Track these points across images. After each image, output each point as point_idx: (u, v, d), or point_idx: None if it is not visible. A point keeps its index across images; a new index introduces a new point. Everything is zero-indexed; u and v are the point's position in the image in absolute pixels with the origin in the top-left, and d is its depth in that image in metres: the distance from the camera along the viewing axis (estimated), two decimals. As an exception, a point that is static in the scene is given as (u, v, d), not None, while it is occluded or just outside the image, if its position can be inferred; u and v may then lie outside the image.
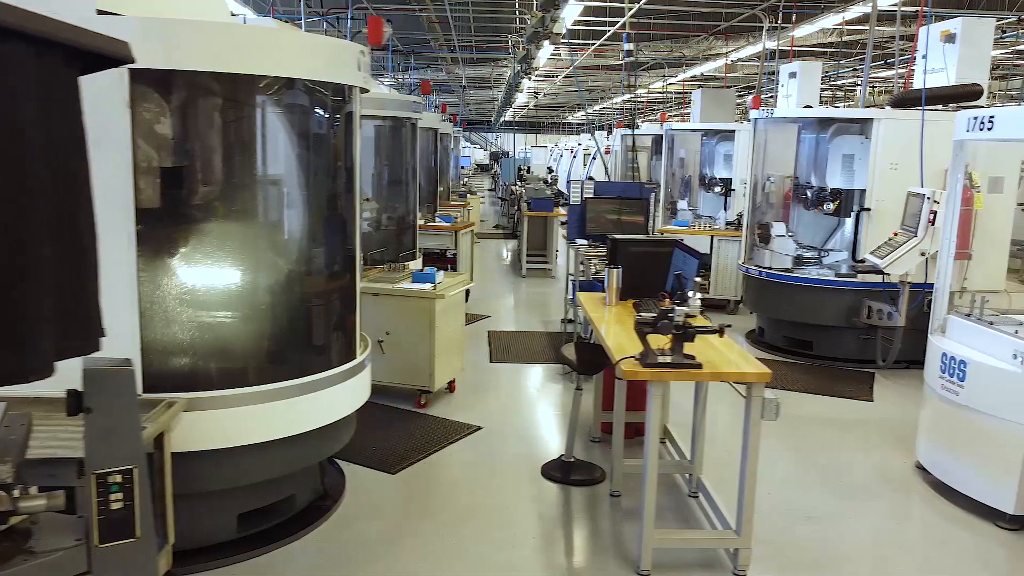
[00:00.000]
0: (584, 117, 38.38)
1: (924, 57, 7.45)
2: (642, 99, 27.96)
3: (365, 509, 4.29)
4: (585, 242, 6.82)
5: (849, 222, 7.48)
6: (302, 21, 9.76)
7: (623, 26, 8.11)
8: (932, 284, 5.75)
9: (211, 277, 3.61)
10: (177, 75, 3.34)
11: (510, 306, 9.95)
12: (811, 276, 7.40)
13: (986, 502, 4.32)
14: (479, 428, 5.50)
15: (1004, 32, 11.91)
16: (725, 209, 10.57)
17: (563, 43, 18.03)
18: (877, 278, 6.88)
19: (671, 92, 23.53)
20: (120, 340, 3.09)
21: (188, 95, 3.47)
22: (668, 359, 3.49)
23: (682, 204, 11.17)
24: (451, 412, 5.80)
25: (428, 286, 5.70)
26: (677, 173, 12.89)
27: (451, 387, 6.24)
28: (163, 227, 3.45)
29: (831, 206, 7.75)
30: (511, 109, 39.70)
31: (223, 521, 3.72)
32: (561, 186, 17.47)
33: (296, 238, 3.92)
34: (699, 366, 3.50)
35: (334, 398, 3.88)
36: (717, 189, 11.13)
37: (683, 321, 3.49)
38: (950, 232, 4.92)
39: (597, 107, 33.68)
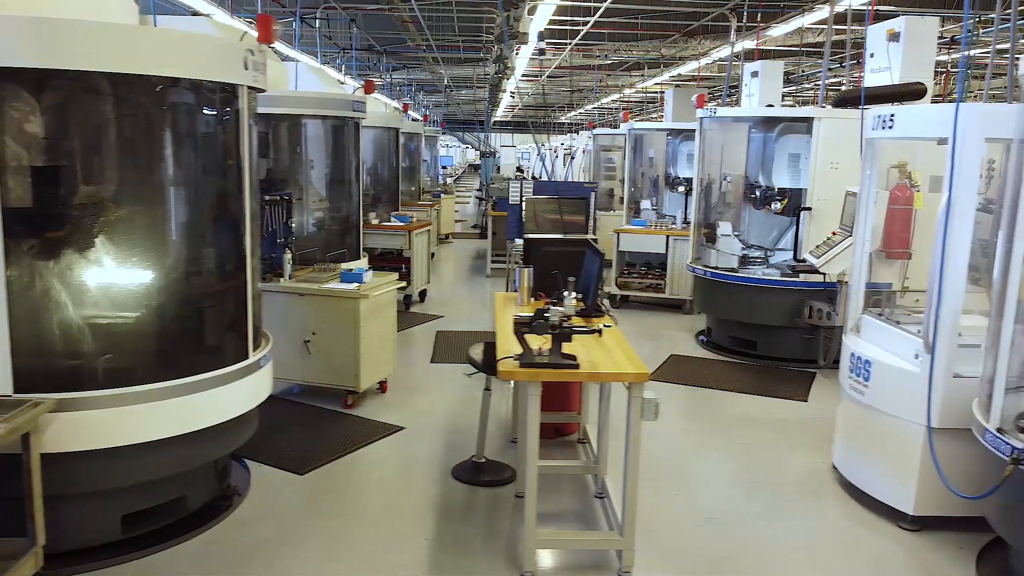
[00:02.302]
0: (575, 117, 38.38)
1: (872, 56, 7.43)
2: (629, 99, 27.96)
3: (263, 510, 4.27)
4: (522, 242, 6.80)
5: (797, 222, 7.46)
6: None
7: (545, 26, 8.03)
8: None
9: (87, 276, 3.59)
10: (49, 74, 3.32)
11: (467, 306, 9.92)
12: (754, 276, 7.38)
13: (889, 503, 4.30)
14: (401, 428, 5.48)
15: (975, 32, 11.86)
16: (686, 209, 10.54)
17: (546, 43, 18.04)
18: (819, 278, 6.86)
19: (654, 92, 23.48)
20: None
21: (62, 94, 3.45)
22: (545, 359, 3.47)
23: (645, 204, 11.13)
24: (377, 413, 5.78)
25: (353, 286, 5.68)
26: (646, 173, 12.88)
27: (383, 387, 6.23)
28: (35, 226, 3.43)
29: (778, 205, 7.74)
30: (502, 109, 39.72)
31: (106, 522, 3.70)
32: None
33: (178, 237, 3.90)
34: (576, 366, 3.47)
35: (224, 397, 3.87)
36: (681, 189, 11.10)
37: (560, 321, 3.46)
38: (864, 230, 4.90)
39: (589, 107, 33.67)
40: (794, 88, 22.13)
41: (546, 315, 3.43)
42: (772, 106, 8.34)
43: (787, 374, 7.03)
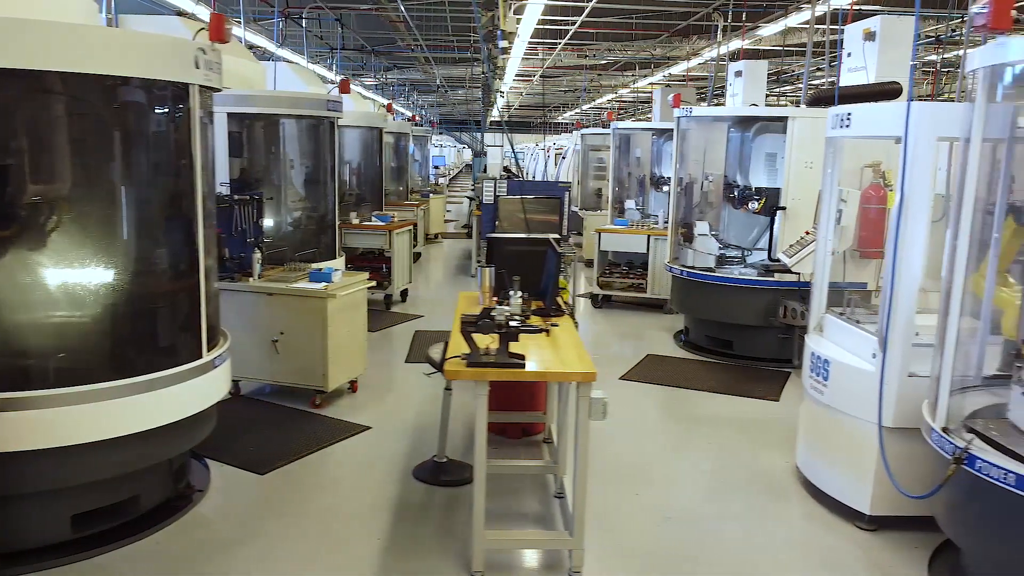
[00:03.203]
0: (572, 117, 38.34)
1: (849, 55, 7.41)
2: (624, 99, 27.94)
3: (219, 510, 4.26)
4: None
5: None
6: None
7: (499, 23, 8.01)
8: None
9: (34, 275, 3.59)
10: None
11: (449, 306, 9.88)
12: (729, 275, 7.37)
13: (847, 503, 4.28)
14: (367, 428, 5.47)
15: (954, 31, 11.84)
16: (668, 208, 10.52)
17: (531, 43, 18.02)
18: (794, 277, 6.85)
19: (648, 92, 23.45)
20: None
21: (9, 93, 3.44)
22: (492, 358, 3.46)
23: (630, 203, 11.12)
24: (345, 413, 5.77)
25: (321, 286, 5.67)
26: (633, 173, 12.86)
27: (353, 387, 6.22)
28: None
29: (756, 205, 7.72)
30: (498, 109, 39.68)
31: (55, 522, 3.69)
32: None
33: (127, 236, 3.89)
34: (523, 365, 3.46)
35: (176, 397, 3.86)
36: (666, 188, 11.08)
37: (507, 320, 3.45)
38: (825, 229, 4.88)
39: (586, 106, 33.66)
40: (788, 88, 22.12)
41: (492, 314, 3.42)
42: (756, 105, 8.34)
43: (762, 374, 7.01)
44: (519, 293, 3.70)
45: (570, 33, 14.87)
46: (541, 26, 16.04)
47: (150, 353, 3.96)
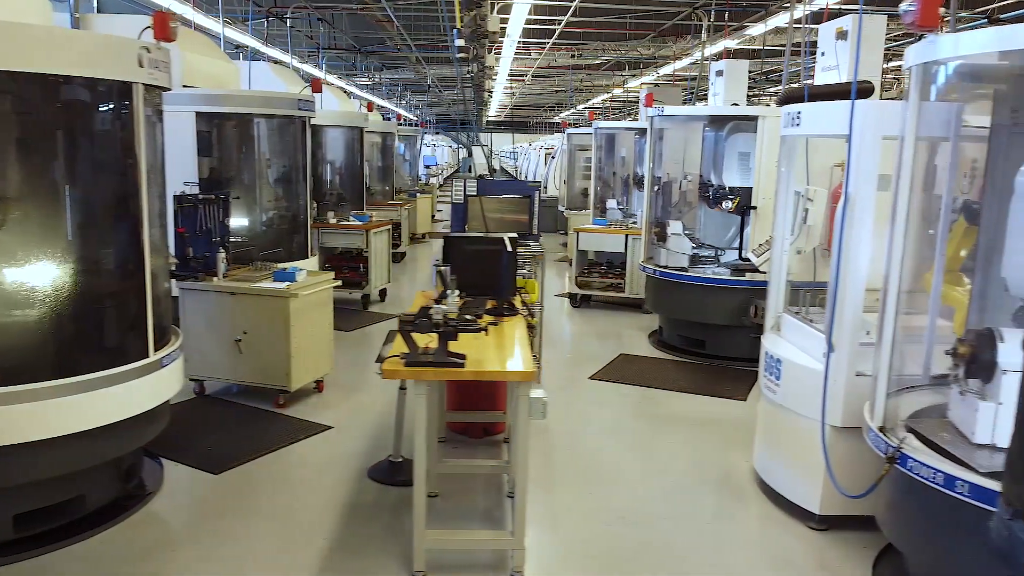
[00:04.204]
0: (567, 117, 38.35)
1: (823, 54, 7.39)
2: (617, 99, 27.92)
3: (168, 510, 4.26)
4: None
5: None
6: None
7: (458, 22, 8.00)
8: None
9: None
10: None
11: (429, 306, 9.89)
12: (701, 275, 7.35)
13: (798, 502, 4.27)
14: (328, 428, 5.46)
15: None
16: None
17: (529, 42, 18.01)
18: (764, 276, 6.82)
19: (637, 92, 23.42)
20: None
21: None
22: (430, 358, 3.44)
23: (611, 203, 11.10)
24: (309, 412, 5.76)
25: (283, 285, 5.66)
26: (618, 172, 12.85)
27: (319, 387, 6.21)
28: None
29: (730, 204, 7.70)
30: (494, 109, 39.69)
31: (-5, 522, 3.69)
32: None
33: (69, 235, 3.88)
34: (461, 365, 3.45)
35: (120, 396, 3.85)
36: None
37: (445, 319, 3.44)
38: (782, 228, 4.87)
39: (581, 106, 33.67)
40: (781, 87, 22.08)
41: (429, 313, 3.41)
42: (737, 104, 8.32)
43: (732, 374, 6.99)
44: (456, 292, 3.68)
45: (557, 32, 14.88)
46: (533, 26, 16.07)
47: (93, 352, 3.95)
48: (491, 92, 20.71)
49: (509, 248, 4.46)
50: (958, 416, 3.27)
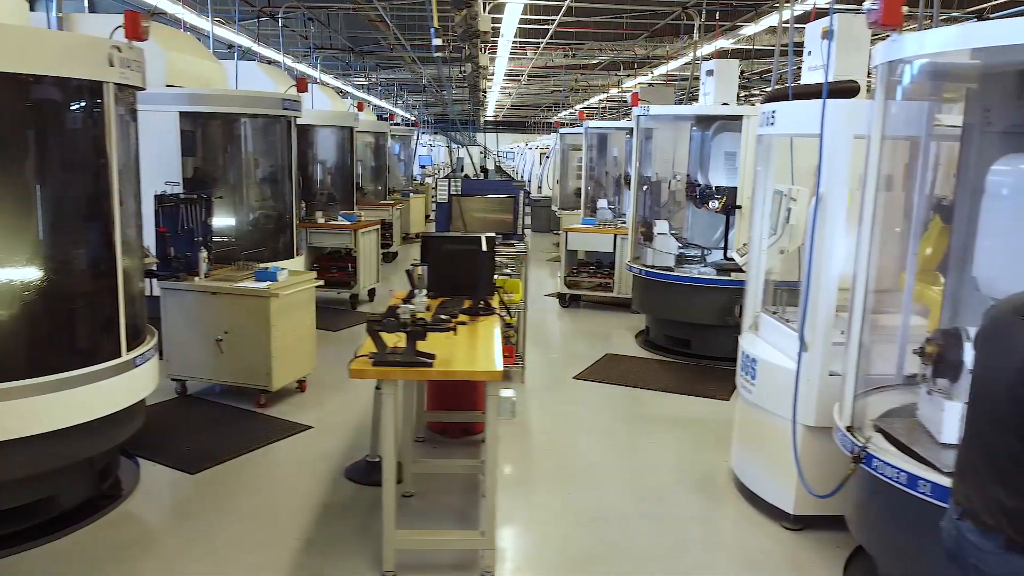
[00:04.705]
0: (565, 117, 38.33)
1: (809, 54, 7.38)
2: (614, 99, 27.90)
3: (142, 510, 4.25)
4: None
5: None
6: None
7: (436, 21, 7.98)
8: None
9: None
10: None
11: (418, 305, 9.89)
12: (687, 275, 7.34)
13: (773, 502, 4.26)
14: (308, 428, 5.46)
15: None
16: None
17: (525, 42, 17.98)
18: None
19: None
20: None
21: None
22: (397, 357, 3.44)
23: (602, 203, 11.10)
24: (290, 412, 5.75)
25: (264, 285, 5.65)
26: (610, 172, 12.85)
27: (302, 387, 6.20)
28: None
29: (716, 204, 7.69)
30: (492, 109, 39.61)
31: (-38, 522, 3.68)
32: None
33: (37, 235, 3.87)
34: (429, 364, 3.44)
35: (91, 396, 3.84)
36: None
37: (413, 319, 3.44)
38: (759, 228, 4.86)
39: (578, 106, 33.64)
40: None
41: (396, 313, 3.40)
42: (727, 104, 8.30)
43: (717, 373, 6.98)
44: (424, 291, 3.67)
45: (550, 32, 14.86)
46: (528, 26, 16.05)
47: (65, 352, 3.94)
48: (485, 92, 20.66)
49: (484, 248, 4.44)
50: (926, 415, 3.26)
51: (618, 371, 7.06)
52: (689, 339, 7.42)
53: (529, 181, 19.94)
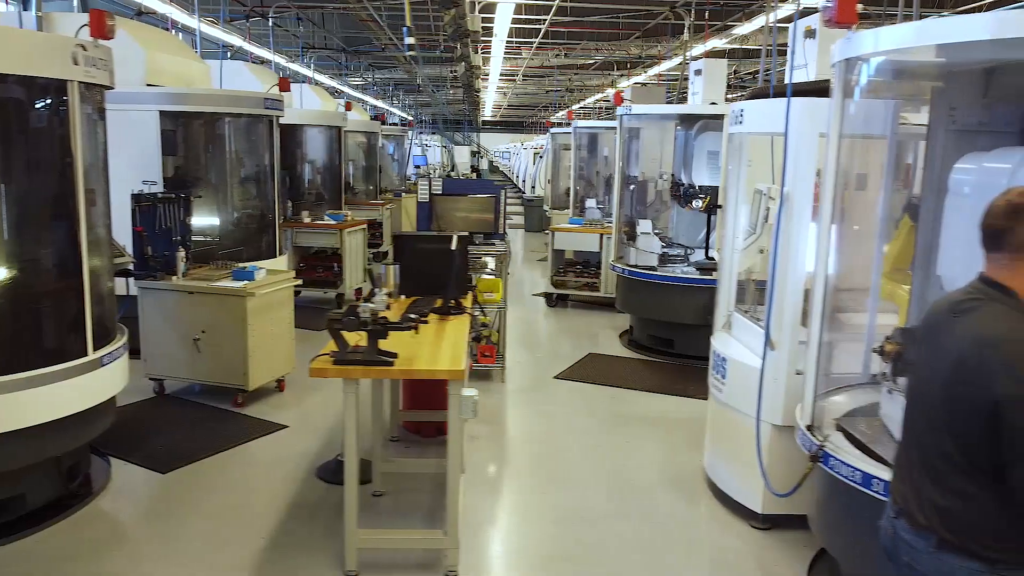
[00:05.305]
0: (562, 117, 38.31)
1: (793, 53, 7.37)
2: (609, 99, 27.89)
3: (111, 509, 4.25)
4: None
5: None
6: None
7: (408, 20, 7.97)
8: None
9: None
10: None
11: (405, 305, 9.88)
12: (669, 274, 7.34)
13: (742, 501, 4.25)
14: (284, 427, 5.45)
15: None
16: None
17: (520, 42, 17.98)
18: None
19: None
20: None
21: None
22: (359, 356, 3.43)
23: (590, 203, 11.09)
24: (267, 412, 5.75)
25: (240, 284, 5.64)
26: (601, 172, 12.84)
27: (280, 386, 6.19)
28: None
29: (700, 203, 7.68)
30: (490, 109, 39.61)
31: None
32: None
33: (5, 236, 3.86)
34: (390, 363, 3.44)
35: (55, 395, 3.83)
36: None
37: (373, 318, 3.43)
38: (731, 226, 4.85)
39: (575, 106, 33.66)
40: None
41: (356, 311, 3.40)
42: (716, 104, 8.28)
43: (699, 373, 6.92)
44: (384, 290, 3.67)
45: (542, 32, 14.86)
46: (523, 25, 16.05)
47: (29, 351, 3.93)
48: (479, 92, 20.65)
49: (454, 247, 4.44)
50: (888, 414, 3.26)
51: (600, 371, 7.05)
52: (672, 339, 7.41)
53: (524, 181, 19.94)
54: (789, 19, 9.78)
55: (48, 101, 3.88)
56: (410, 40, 7.72)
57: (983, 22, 2.65)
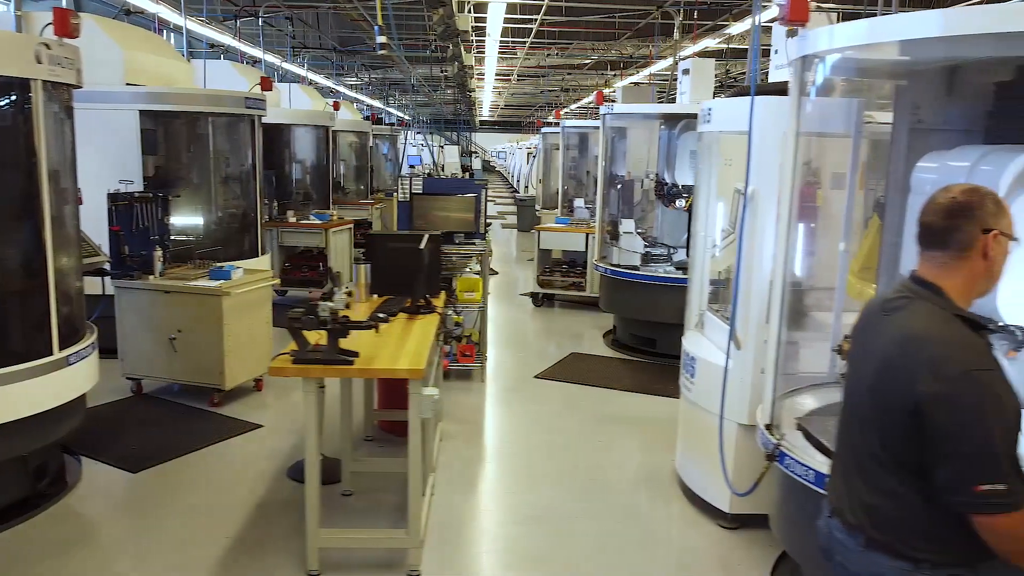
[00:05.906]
0: (553, 117, 38.26)
1: (776, 52, 7.37)
2: (607, 98, 27.88)
3: (79, 509, 4.25)
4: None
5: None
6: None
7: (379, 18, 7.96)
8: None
9: None
10: None
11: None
12: (651, 274, 7.33)
13: (710, 501, 4.25)
14: (259, 427, 5.45)
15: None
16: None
17: (515, 41, 17.98)
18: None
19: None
20: None
21: None
22: (318, 355, 3.42)
23: (579, 202, 11.07)
24: (243, 411, 5.74)
25: (217, 283, 5.64)
26: (592, 171, 12.81)
27: (258, 385, 6.19)
28: None
29: (683, 203, 7.68)
30: (487, 109, 39.62)
31: None
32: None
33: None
34: (350, 362, 3.43)
35: (19, 394, 3.83)
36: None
37: (332, 316, 3.42)
38: (703, 226, 4.84)
39: (573, 106, 33.64)
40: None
41: (315, 310, 3.39)
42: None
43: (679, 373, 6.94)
44: (344, 288, 3.66)
45: (533, 32, 14.84)
46: (517, 25, 16.05)
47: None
48: (473, 91, 20.64)
49: (423, 246, 4.43)
50: (847, 414, 3.24)
51: (581, 370, 7.04)
52: (654, 338, 7.40)
53: (518, 180, 19.92)
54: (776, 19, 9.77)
55: (11, 100, 3.87)
56: (381, 39, 7.69)
57: (935, 19, 2.64)
